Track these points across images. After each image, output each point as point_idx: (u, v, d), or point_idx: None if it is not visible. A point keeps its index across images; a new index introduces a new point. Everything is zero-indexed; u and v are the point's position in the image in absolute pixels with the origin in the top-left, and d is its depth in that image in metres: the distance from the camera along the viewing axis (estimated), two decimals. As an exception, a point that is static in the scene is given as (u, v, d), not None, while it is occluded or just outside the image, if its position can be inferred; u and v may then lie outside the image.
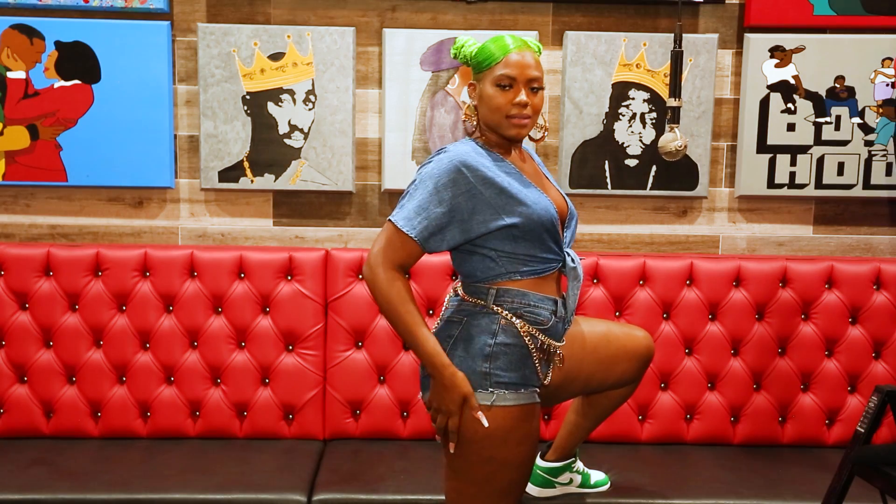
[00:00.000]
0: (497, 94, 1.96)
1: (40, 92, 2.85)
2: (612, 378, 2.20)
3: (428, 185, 1.91)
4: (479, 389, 1.91)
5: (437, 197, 1.89)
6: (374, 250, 1.92)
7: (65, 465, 2.60)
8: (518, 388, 1.94)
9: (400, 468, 2.60)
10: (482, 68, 1.98)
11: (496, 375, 1.92)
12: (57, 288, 2.80)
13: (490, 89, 1.97)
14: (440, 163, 1.93)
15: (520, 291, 1.97)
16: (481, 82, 1.99)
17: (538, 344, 1.97)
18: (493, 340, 1.93)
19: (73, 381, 2.80)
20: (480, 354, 1.92)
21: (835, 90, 2.92)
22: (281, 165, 2.90)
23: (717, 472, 2.64)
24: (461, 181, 1.90)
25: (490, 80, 1.97)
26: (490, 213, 1.92)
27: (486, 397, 1.91)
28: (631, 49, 2.89)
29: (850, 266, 2.87)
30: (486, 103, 1.98)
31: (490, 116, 1.99)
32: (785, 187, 2.96)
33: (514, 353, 1.94)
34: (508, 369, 1.93)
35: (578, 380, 2.13)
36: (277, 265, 2.82)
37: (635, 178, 2.95)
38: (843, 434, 2.84)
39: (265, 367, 2.81)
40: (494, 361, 1.92)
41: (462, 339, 1.95)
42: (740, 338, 2.85)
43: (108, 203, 2.97)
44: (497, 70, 1.96)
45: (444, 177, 1.90)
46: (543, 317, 1.99)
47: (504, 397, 1.92)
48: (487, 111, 1.99)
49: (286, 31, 2.85)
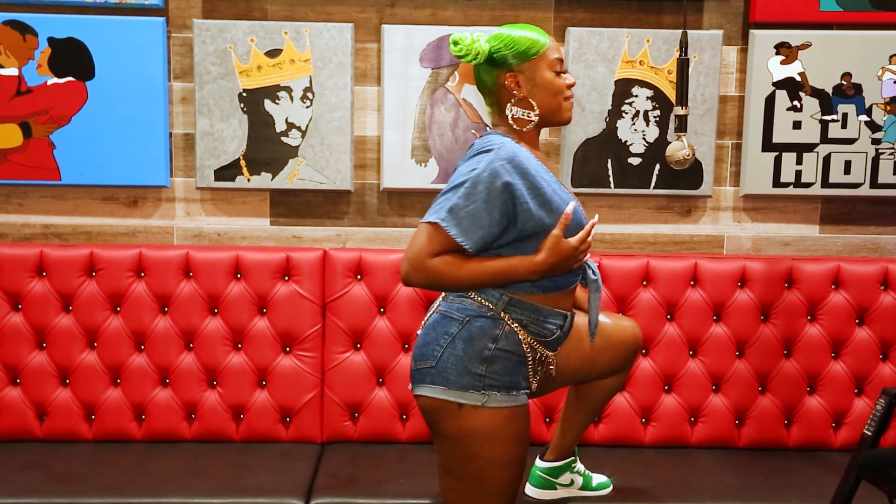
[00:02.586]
0: (556, 78, 2.02)
1: (33, 89, 2.86)
2: (598, 367, 2.21)
3: (479, 191, 1.89)
4: (471, 390, 1.94)
5: (486, 206, 1.89)
6: (414, 251, 1.92)
7: (58, 468, 2.61)
8: (509, 391, 1.97)
9: (399, 472, 2.62)
10: (529, 56, 2.00)
11: (491, 379, 1.95)
12: (50, 288, 2.81)
13: (548, 74, 2.01)
14: (491, 166, 1.91)
15: (532, 305, 2.00)
16: (530, 71, 2.00)
17: (536, 355, 2.01)
18: (494, 345, 1.96)
19: (66, 383, 2.82)
20: (479, 357, 1.95)
21: (841, 87, 2.93)
22: (278, 164, 2.92)
23: (721, 475, 2.65)
24: (512, 188, 1.91)
25: (545, 65, 2.01)
26: (531, 220, 1.94)
27: (477, 398, 1.94)
28: (634, 45, 2.90)
29: (858, 266, 2.88)
30: (547, 88, 2.01)
31: (552, 102, 2.02)
32: (791, 186, 2.97)
33: (512, 360, 1.97)
34: (503, 374, 1.96)
35: (566, 372, 2.14)
36: (274, 265, 2.83)
37: (638, 176, 2.96)
38: (850, 437, 2.84)
39: (262, 369, 2.82)
40: (491, 365, 1.95)
41: (462, 338, 1.96)
42: (745, 339, 2.86)
43: (102, 202, 2.99)
44: (550, 55, 2.01)
45: (494, 182, 1.90)
46: (549, 331, 2.03)
47: (495, 399, 1.95)
48: (549, 96, 2.02)
49: (283, 28, 2.86)
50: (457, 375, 1.95)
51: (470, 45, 1.99)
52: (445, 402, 1.96)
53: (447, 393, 1.95)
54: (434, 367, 1.97)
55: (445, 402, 1.96)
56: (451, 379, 1.95)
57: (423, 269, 1.91)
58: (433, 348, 1.98)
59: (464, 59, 2.01)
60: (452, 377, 1.95)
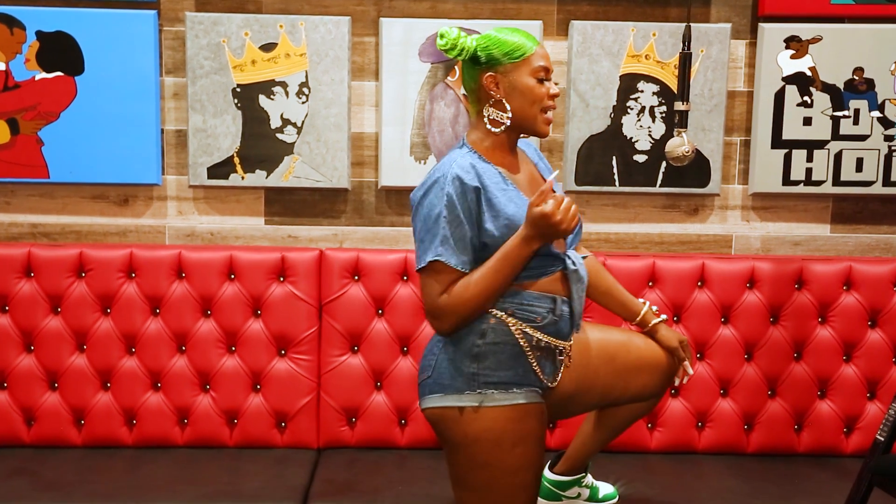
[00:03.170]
0: (537, 86, 1.99)
1: (21, 84, 2.85)
2: (631, 390, 2.21)
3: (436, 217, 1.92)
4: (466, 391, 1.94)
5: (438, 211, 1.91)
6: (427, 304, 1.95)
7: (46, 475, 2.60)
8: (509, 387, 1.95)
9: (397, 478, 2.61)
10: (511, 59, 1.98)
11: (484, 376, 1.94)
12: (38, 289, 2.80)
13: (528, 80, 1.98)
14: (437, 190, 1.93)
15: (513, 291, 1.99)
16: (511, 74, 1.99)
17: (533, 342, 1.98)
18: (482, 340, 1.95)
19: (55, 387, 2.81)
20: (468, 355, 1.95)
21: (853, 82, 2.92)
22: (273, 161, 2.91)
23: (729, 482, 2.65)
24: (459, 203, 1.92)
25: (527, 71, 1.98)
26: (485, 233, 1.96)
27: (473, 398, 1.93)
28: (640, 39, 2.89)
29: (870, 267, 2.87)
30: (525, 95, 1.99)
31: (528, 109, 2.00)
32: (801, 184, 2.96)
33: (505, 352, 1.96)
34: (498, 368, 1.95)
35: (594, 390, 2.14)
36: (269, 266, 2.82)
37: (644, 174, 2.95)
38: (862, 443, 2.83)
39: (256, 373, 2.81)
40: (483, 361, 1.95)
41: (451, 341, 1.98)
42: (754, 342, 2.85)
43: (91, 201, 2.97)
44: (534, 61, 1.99)
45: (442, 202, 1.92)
46: (538, 314, 2.00)
47: (493, 397, 1.93)
48: (526, 103, 1.99)
49: (278, 21, 2.85)
50: (451, 379, 1.96)
51: (455, 40, 1.99)
52: (446, 409, 1.96)
53: (444, 399, 1.96)
54: (431, 377, 1.99)
55: (446, 410, 1.96)
56: (446, 384, 1.96)
57: (441, 312, 1.94)
58: (429, 359, 2.01)
59: (449, 52, 2.00)
60: (447, 381, 1.96)
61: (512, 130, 2.03)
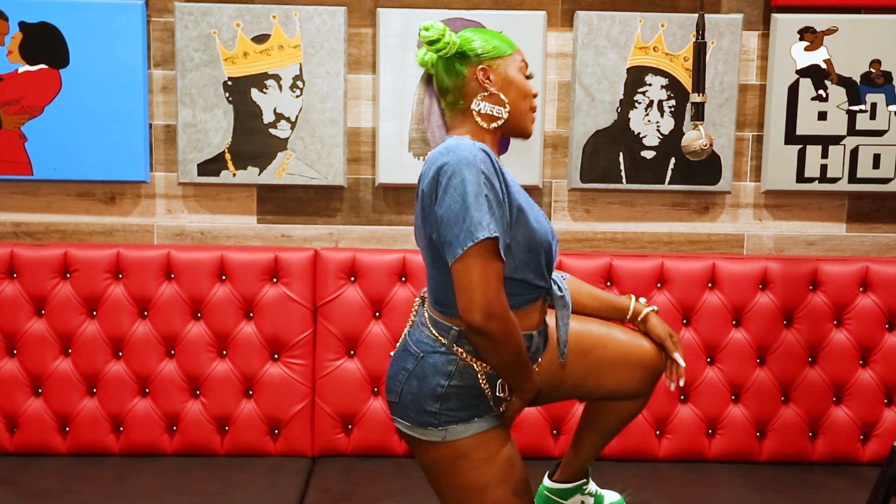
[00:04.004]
0: (525, 82, 2.01)
1: (3, 77, 2.84)
2: (607, 385, 2.16)
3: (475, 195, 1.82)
4: (429, 427, 1.95)
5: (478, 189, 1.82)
6: (480, 295, 1.82)
7: (30, 484, 2.60)
8: (470, 419, 1.95)
9: (395, 488, 2.61)
10: (501, 53, 1.99)
11: (446, 416, 1.95)
12: (21, 291, 2.79)
13: (518, 74, 2.00)
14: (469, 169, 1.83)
15: None
16: (502, 67, 1.98)
17: (495, 389, 1.96)
18: (447, 382, 1.94)
19: (38, 392, 2.80)
20: (432, 395, 1.94)
21: (870, 75, 2.91)
22: (266, 158, 2.90)
23: (741, 491, 2.64)
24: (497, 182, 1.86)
25: (515, 66, 2.00)
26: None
27: (436, 434, 1.95)
28: (647, 30, 2.88)
29: (887, 267, 2.87)
30: (518, 88, 1.99)
31: (521, 104, 2.00)
32: (815, 181, 2.95)
33: (467, 395, 1.95)
34: (459, 409, 1.95)
35: (564, 386, 2.12)
36: (262, 266, 2.82)
37: (652, 171, 2.93)
38: (879, 451, 2.83)
39: (248, 378, 2.81)
40: (446, 403, 1.94)
41: (416, 375, 1.96)
42: (767, 345, 2.84)
43: (77, 199, 2.96)
44: (519, 57, 2.01)
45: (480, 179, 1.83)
46: None
47: (455, 431, 1.95)
48: (519, 97, 2.00)
49: (271, 11, 2.84)
50: (416, 413, 1.96)
51: (442, 32, 1.97)
52: (411, 436, 2.00)
53: (411, 429, 1.98)
54: (398, 403, 2.00)
55: (411, 437, 2.00)
56: (411, 416, 1.97)
57: (502, 313, 1.85)
58: (394, 383, 2.01)
59: (434, 44, 1.96)
60: (412, 414, 1.97)
61: (500, 130, 2.01)
